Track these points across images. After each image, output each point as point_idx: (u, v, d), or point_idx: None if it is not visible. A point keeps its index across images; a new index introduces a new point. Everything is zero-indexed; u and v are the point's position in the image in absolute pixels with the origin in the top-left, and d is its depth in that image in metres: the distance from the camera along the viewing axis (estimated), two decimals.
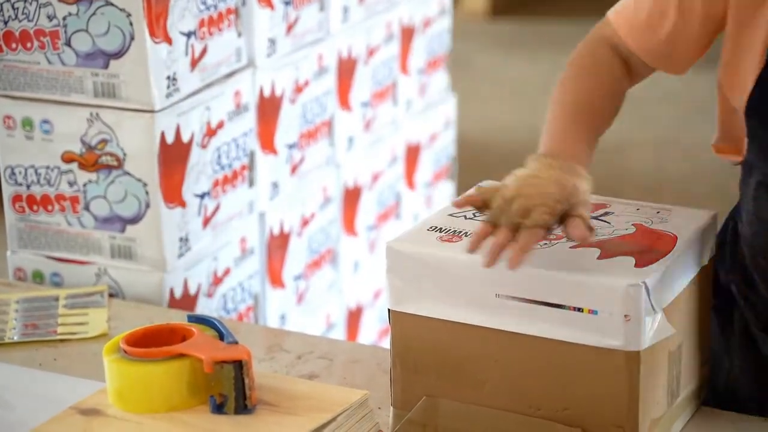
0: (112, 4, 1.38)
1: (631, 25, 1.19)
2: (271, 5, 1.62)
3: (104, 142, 1.44)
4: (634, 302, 0.99)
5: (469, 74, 4.32)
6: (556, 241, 1.07)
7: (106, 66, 1.41)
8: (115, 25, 1.39)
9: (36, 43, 1.42)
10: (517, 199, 1.03)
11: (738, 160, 1.17)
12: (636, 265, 1.02)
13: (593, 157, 1.13)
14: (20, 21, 1.42)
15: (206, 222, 1.53)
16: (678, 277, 1.06)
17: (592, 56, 1.20)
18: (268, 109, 1.64)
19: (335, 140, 1.82)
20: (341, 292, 1.88)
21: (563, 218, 1.03)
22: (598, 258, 1.04)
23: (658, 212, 1.14)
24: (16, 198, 1.50)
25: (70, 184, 1.47)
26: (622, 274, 1.01)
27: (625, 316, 1.00)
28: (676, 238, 1.08)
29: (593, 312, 1.01)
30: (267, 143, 1.65)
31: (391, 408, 1.12)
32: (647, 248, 1.05)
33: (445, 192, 2.21)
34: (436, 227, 1.12)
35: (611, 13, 1.22)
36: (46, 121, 1.45)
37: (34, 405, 1.15)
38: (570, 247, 1.06)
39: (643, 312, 1.00)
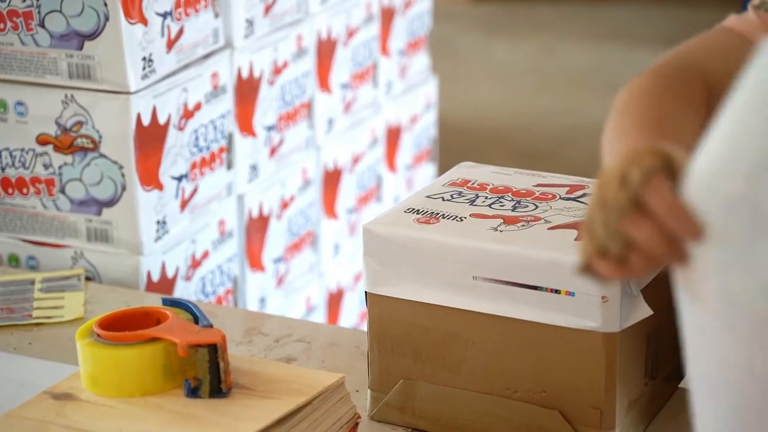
0: None
1: None
2: None
3: (79, 124, 1.42)
4: (611, 284, 0.99)
5: (450, 56, 4.31)
6: (533, 223, 1.07)
7: (80, 47, 1.39)
8: (90, 6, 1.37)
9: (9, 24, 1.41)
10: None
11: None
12: None
13: None
14: None
15: (184, 205, 1.52)
16: None
17: (673, 78, 0.92)
18: (246, 90, 1.63)
19: (315, 122, 1.81)
20: (322, 275, 1.88)
21: None
22: (576, 239, 1.03)
23: None
24: None
25: (46, 166, 1.45)
26: None
27: (603, 297, 0.99)
28: None
29: (570, 294, 1.01)
30: (245, 125, 1.64)
31: (369, 391, 1.11)
32: None
33: (427, 174, 2.20)
34: (414, 209, 1.11)
35: (733, 23, 0.94)
36: (20, 103, 1.44)
37: (8, 389, 1.14)
38: (548, 229, 1.06)
39: (621, 293, 0.99)
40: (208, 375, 1.00)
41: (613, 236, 0.72)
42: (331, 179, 1.88)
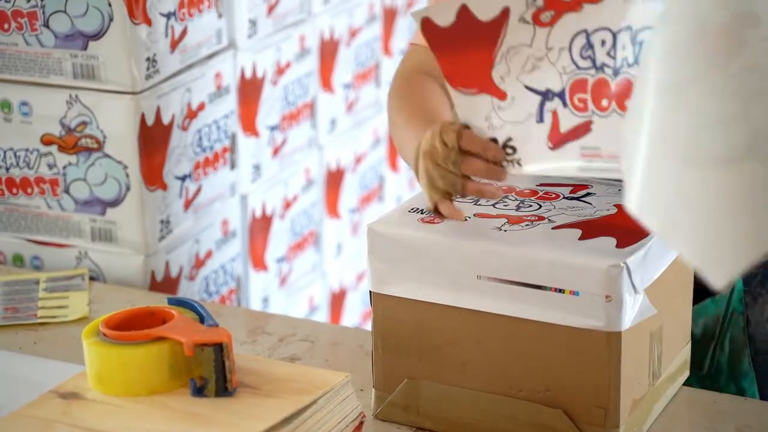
0: None
1: None
2: None
3: (84, 124, 1.43)
4: (615, 283, 0.99)
5: None
6: (537, 222, 1.07)
7: (85, 47, 1.40)
8: (94, 6, 1.38)
9: (14, 25, 1.41)
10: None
11: None
12: (617, 246, 1.02)
13: None
14: None
15: (188, 204, 1.52)
16: (660, 258, 1.06)
17: (414, 82, 1.20)
18: (250, 90, 1.63)
19: (317, 122, 1.81)
20: (324, 275, 1.88)
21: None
22: (580, 239, 1.04)
23: None
24: None
25: (50, 166, 1.46)
26: (603, 255, 1.00)
27: (607, 296, 1.00)
28: None
29: (574, 293, 1.01)
30: (248, 125, 1.64)
31: (373, 390, 1.12)
32: (629, 229, 1.05)
33: None
34: (417, 209, 1.11)
35: (415, 39, 1.23)
36: (24, 103, 1.44)
37: (13, 388, 1.14)
38: (552, 228, 1.06)
39: (625, 292, 1.00)
40: (214, 374, 1.00)
41: (454, 181, 1.01)
42: (334, 179, 1.88)
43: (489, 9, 0.96)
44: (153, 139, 1.44)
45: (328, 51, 1.82)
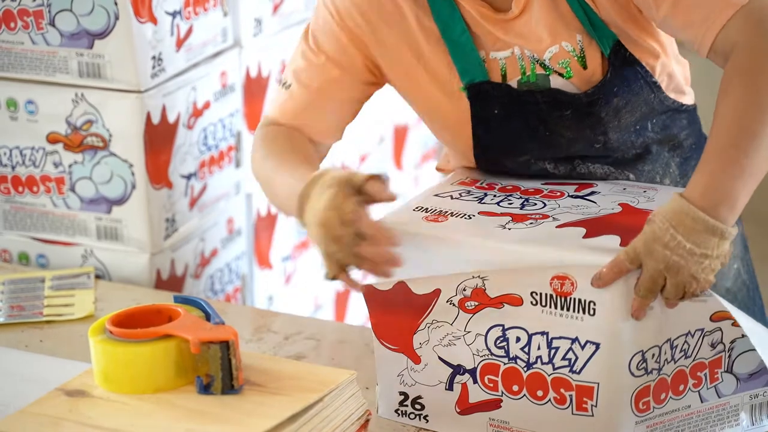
0: None
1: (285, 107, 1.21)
2: None
3: (90, 122, 1.43)
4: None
5: None
6: (542, 220, 1.07)
7: (90, 46, 1.40)
8: (100, 5, 1.38)
9: (20, 23, 1.41)
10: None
11: None
12: (621, 244, 1.02)
13: None
14: (3, 1, 1.41)
15: (193, 203, 1.53)
16: None
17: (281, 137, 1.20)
18: (255, 89, 1.64)
19: None
20: None
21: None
22: (584, 237, 1.04)
23: (644, 191, 1.14)
24: (1, 179, 1.49)
25: (56, 165, 1.46)
26: (607, 253, 1.00)
27: None
28: None
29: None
30: (254, 124, 1.64)
31: (378, 387, 1.12)
32: (633, 227, 1.05)
33: (433, 173, 2.21)
34: (422, 207, 1.11)
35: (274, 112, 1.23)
36: (30, 102, 1.44)
37: (20, 386, 1.15)
38: (556, 227, 1.06)
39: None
40: (220, 372, 1.00)
41: (353, 258, 1.02)
42: None
43: (423, 287, 1.04)
44: (158, 137, 1.44)
45: None
